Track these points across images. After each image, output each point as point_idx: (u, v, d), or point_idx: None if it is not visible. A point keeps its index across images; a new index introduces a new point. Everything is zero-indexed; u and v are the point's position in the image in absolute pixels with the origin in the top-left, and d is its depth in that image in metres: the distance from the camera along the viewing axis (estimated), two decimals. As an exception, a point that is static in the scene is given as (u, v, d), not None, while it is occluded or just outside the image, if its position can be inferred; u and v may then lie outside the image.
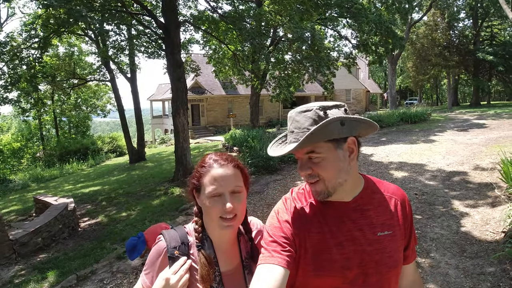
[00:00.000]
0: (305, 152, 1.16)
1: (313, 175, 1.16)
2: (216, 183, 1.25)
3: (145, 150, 20.33)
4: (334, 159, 1.15)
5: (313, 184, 1.18)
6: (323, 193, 1.17)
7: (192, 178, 1.33)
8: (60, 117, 30.98)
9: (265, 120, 33.31)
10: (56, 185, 15.81)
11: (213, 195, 1.25)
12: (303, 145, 1.11)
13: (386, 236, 1.21)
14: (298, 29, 13.21)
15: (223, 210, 1.23)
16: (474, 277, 4.05)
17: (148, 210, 8.85)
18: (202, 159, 1.36)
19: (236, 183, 1.28)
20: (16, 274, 5.77)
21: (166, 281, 1.19)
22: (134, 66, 18.03)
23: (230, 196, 1.25)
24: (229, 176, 1.27)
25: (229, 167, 1.29)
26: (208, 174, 1.28)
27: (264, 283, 1.06)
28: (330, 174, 1.15)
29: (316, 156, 1.14)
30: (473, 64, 36.25)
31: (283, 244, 1.16)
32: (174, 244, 1.29)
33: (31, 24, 11.90)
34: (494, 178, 7.51)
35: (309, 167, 1.16)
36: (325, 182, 1.15)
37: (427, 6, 31.88)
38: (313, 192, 1.20)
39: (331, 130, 1.12)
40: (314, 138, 1.10)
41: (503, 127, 15.56)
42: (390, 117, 19.49)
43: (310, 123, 1.13)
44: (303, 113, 1.16)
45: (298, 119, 1.16)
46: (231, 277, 1.32)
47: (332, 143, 1.15)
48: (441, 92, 61.45)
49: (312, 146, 1.13)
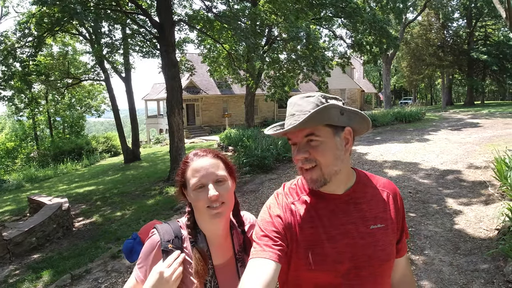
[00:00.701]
0: (304, 134, 1.16)
1: (310, 160, 1.15)
2: (198, 174, 1.28)
3: (140, 150, 20.28)
4: (332, 145, 1.16)
5: (309, 171, 1.17)
6: (319, 180, 1.16)
7: (177, 176, 1.36)
8: (54, 117, 30.82)
9: (260, 119, 33.31)
10: (50, 185, 15.73)
11: (197, 186, 1.27)
12: (306, 124, 1.11)
13: (378, 229, 1.22)
14: (293, 28, 13.22)
15: (209, 199, 1.25)
16: (468, 274, 4.07)
17: (143, 210, 8.83)
18: (184, 158, 1.39)
19: (217, 172, 1.30)
20: (11, 274, 5.74)
21: (160, 275, 1.19)
22: (129, 66, 17.97)
23: (214, 186, 1.27)
24: (208, 166, 1.30)
25: (207, 157, 1.33)
26: (189, 168, 1.31)
27: (255, 277, 1.06)
28: (327, 160, 1.15)
29: (316, 139, 1.15)
30: (467, 64, 36.49)
31: (275, 238, 1.16)
32: (167, 237, 1.30)
33: (25, 23, 11.82)
34: (487, 177, 7.56)
35: (306, 150, 1.15)
36: (322, 168, 1.15)
37: (422, 6, 32.00)
38: (309, 181, 1.18)
39: (332, 115, 1.14)
40: (316, 119, 1.11)
41: (496, 126, 15.66)
42: (384, 117, 19.54)
43: (312, 106, 1.14)
44: (306, 98, 1.18)
45: (301, 103, 1.17)
46: (224, 270, 1.34)
47: (331, 129, 1.16)
48: (435, 92, 61.76)
49: (312, 128, 1.14)
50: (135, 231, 7.08)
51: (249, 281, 1.06)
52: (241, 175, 10.14)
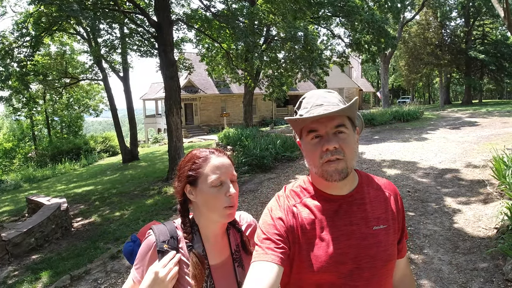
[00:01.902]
0: (335, 125, 1.16)
1: (339, 151, 1.15)
2: (219, 171, 1.30)
3: (138, 150, 20.26)
4: (353, 140, 1.19)
5: (335, 162, 1.15)
6: (344, 172, 1.15)
7: (188, 171, 1.33)
8: (52, 116, 30.74)
9: (259, 119, 33.32)
10: (48, 185, 15.70)
11: (217, 183, 1.28)
12: (347, 111, 1.14)
13: (381, 230, 1.22)
14: (291, 28, 13.23)
15: (227, 198, 1.29)
16: (467, 273, 4.08)
17: (142, 210, 8.82)
18: (190, 154, 1.38)
19: (233, 172, 1.35)
20: (9, 275, 5.72)
21: (156, 275, 1.20)
22: (127, 65, 17.94)
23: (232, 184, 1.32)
24: (227, 165, 1.34)
25: (225, 157, 1.36)
26: (208, 164, 1.31)
27: (258, 281, 1.06)
28: (352, 153, 1.17)
29: (345, 131, 1.16)
30: (465, 63, 36.53)
31: (277, 241, 1.16)
32: (163, 238, 1.30)
33: (22, 23, 11.79)
34: (486, 175, 7.58)
35: (336, 141, 1.15)
36: (347, 160, 1.16)
37: (420, 5, 32.01)
38: (333, 172, 1.15)
39: (355, 111, 1.19)
40: (353, 109, 1.15)
41: (494, 125, 15.69)
42: (383, 116, 19.55)
43: (338, 100, 1.21)
44: (328, 92, 1.24)
45: (326, 95, 1.22)
46: (220, 270, 1.34)
47: (352, 125, 1.20)
48: (433, 91, 61.80)
49: (343, 119, 1.17)
50: (134, 231, 7.09)
51: (251, 285, 1.05)
52: (240, 174, 10.13)
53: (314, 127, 1.17)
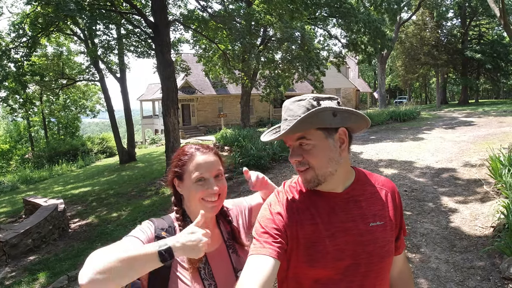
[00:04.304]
0: (296, 138, 1.18)
1: (303, 163, 1.18)
2: (201, 169, 1.36)
3: (135, 151, 20.23)
4: (324, 148, 1.17)
5: (303, 172, 1.19)
6: (313, 181, 1.18)
7: (175, 167, 1.41)
8: (48, 118, 30.65)
9: (256, 119, 33.30)
10: (45, 187, 15.66)
11: (198, 179, 1.35)
12: (294, 130, 1.14)
13: (378, 227, 1.23)
14: (288, 29, 13.25)
15: (207, 192, 1.34)
16: (464, 271, 4.10)
17: (139, 210, 8.81)
18: (180, 149, 1.45)
19: (218, 168, 1.41)
20: (7, 276, 5.71)
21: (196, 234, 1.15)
22: (124, 66, 17.90)
23: (214, 180, 1.37)
24: (211, 162, 1.39)
25: (210, 154, 1.42)
26: (191, 161, 1.38)
27: (254, 274, 1.07)
28: (320, 162, 1.17)
29: (307, 143, 1.17)
30: (461, 63, 36.66)
31: (275, 235, 1.17)
32: (161, 226, 1.36)
33: (19, 23, 11.76)
34: (482, 175, 7.61)
35: (299, 154, 1.18)
36: (315, 170, 1.17)
37: (416, 6, 32.11)
38: (303, 181, 1.21)
39: (322, 119, 1.14)
40: (305, 125, 1.13)
41: (491, 125, 15.75)
42: (379, 116, 19.59)
43: (303, 111, 1.15)
44: (297, 102, 1.19)
45: (292, 108, 1.19)
46: (216, 257, 1.40)
47: (323, 132, 1.17)
48: (430, 91, 61.95)
49: (304, 132, 1.16)
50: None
51: (248, 278, 1.06)
52: (237, 175, 10.13)
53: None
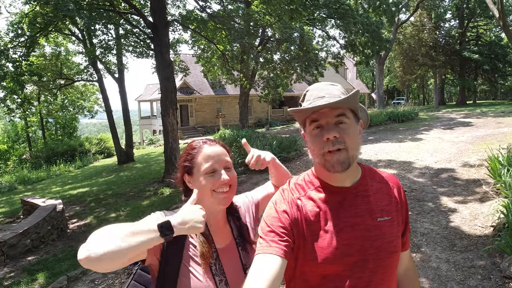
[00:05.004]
0: (336, 114, 1.17)
1: (340, 141, 1.16)
2: (211, 160, 1.38)
3: (133, 151, 20.19)
4: (355, 130, 1.20)
5: (336, 153, 1.16)
6: (346, 162, 1.16)
7: (184, 162, 1.43)
8: (46, 118, 30.54)
9: (254, 120, 33.31)
10: (43, 187, 15.61)
11: (209, 171, 1.37)
12: (346, 102, 1.15)
13: (385, 222, 1.22)
14: (287, 29, 13.26)
15: (218, 183, 1.36)
16: (465, 270, 4.10)
17: (138, 211, 8.78)
18: (188, 145, 1.46)
19: (227, 159, 1.43)
20: (5, 276, 5.69)
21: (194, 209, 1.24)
22: (122, 66, 17.88)
23: (225, 171, 1.39)
24: (220, 153, 1.42)
25: (218, 146, 1.45)
26: (200, 154, 1.40)
27: (261, 273, 1.06)
28: (353, 143, 1.18)
29: (346, 121, 1.18)
30: (459, 64, 36.78)
31: (281, 234, 1.16)
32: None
33: (18, 23, 11.72)
34: (481, 175, 7.62)
35: (337, 131, 1.16)
36: (348, 151, 1.16)
37: (414, 7, 32.18)
38: (335, 163, 1.16)
39: (357, 103, 1.21)
40: (353, 101, 1.17)
41: (488, 126, 15.78)
42: (378, 117, 19.61)
43: (340, 92, 1.22)
44: (331, 85, 1.25)
45: (329, 88, 1.23)
46: (226, 253, 1.41)
47: (354, 116, 1.22)
48: (428, 92, 62.14)
49: (344, 110, 1.18)
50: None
51: (255, 277, 1.06)
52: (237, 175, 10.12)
53: (316, 118, 1.19)
